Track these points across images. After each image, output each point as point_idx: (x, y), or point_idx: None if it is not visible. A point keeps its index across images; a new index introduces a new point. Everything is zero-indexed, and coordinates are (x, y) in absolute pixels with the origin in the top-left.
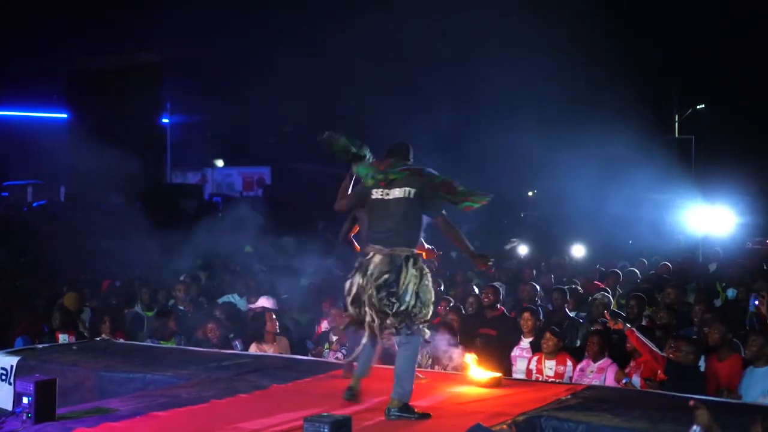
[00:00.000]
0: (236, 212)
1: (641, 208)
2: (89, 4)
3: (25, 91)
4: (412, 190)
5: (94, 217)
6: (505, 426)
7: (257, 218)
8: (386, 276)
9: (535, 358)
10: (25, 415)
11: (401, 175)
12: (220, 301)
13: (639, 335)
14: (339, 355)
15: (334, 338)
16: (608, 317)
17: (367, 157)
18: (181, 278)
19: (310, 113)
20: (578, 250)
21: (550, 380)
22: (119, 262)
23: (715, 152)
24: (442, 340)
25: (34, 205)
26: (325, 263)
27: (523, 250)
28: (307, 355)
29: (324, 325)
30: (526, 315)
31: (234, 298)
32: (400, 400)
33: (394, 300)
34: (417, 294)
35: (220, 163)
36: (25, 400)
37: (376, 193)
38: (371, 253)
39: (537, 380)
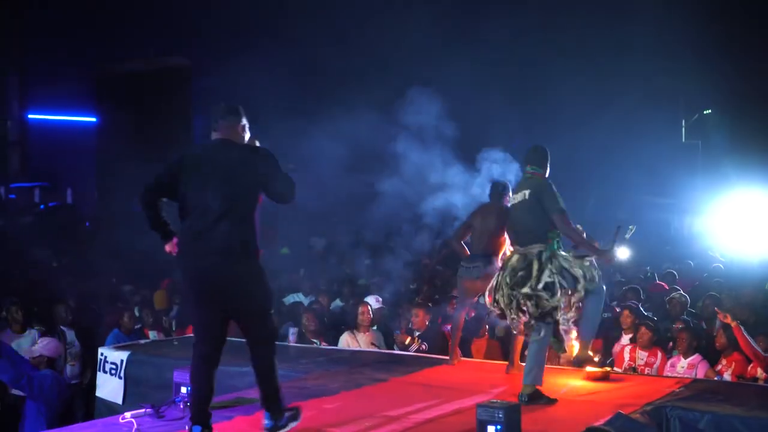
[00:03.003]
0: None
1: (648, 213)
2: (115, 7)
3: (52, 94)
4: (528, 192)
5: (127, 218)
6: (638, 415)
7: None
8: (521, 273)
9: (629, 347)
10: (183, 404)
11: (524, 179)
12: (285, 300)
13: (744, 333)
14: (423, 347)
15: (417, 333)
16: (719, 312)
17: None
18: None
19: None
20: (623, 253)
21: (641, 370)
22: (162, 262)
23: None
24: None
25: (41, 207)
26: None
27: None
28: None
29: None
30: (626, 312)
31: (299, 296)
32: (531, 386)
33: (529, 296)
34: (551, 284)
35: None
36: (183, 389)
37: (512, 199)
38: (509, 253)
39: (634, 371)
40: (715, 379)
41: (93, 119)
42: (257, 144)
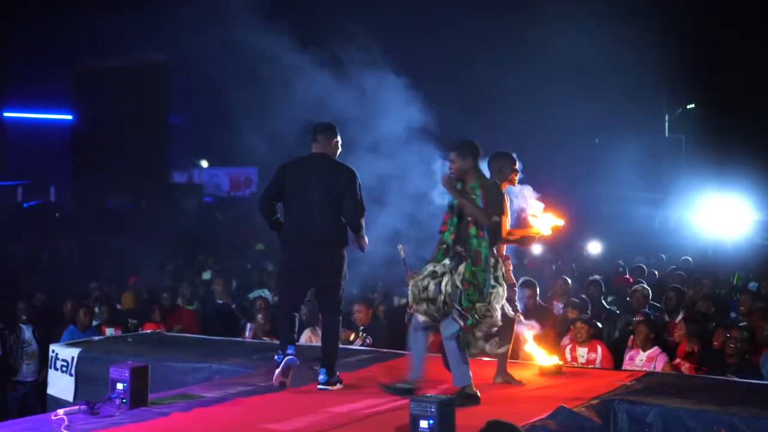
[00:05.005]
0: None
1: (632, 207)
2: (91, 4)
3: (27, 92)
4: None
5: (102, 216)
6: (583, 408)
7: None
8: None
9: (569, 346)
10: (119, 400)
11: None
12: (251, 296)
13: None
14: (368, 341)
15: (360, 328)
16: None
17: None
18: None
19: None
20: (594, 247)
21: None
22: (137, 259)
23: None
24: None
25: (25, 205)
26: None
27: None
28: None
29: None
30: (569, 310)
31: (264, 292)
32: (462, 386)
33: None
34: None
35: (204, 163)
36: (119, 386)
37: None
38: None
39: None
40: (672, 372)
41: (69, 117)
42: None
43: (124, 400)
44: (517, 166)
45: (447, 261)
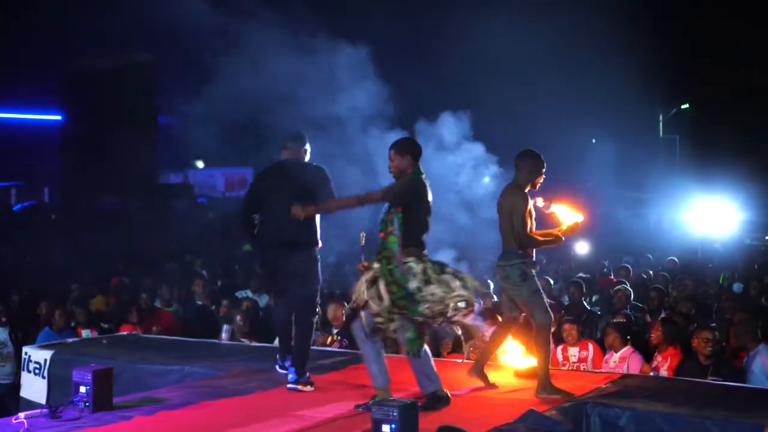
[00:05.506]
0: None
1: (627, 207)
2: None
3: (16, 92)
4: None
5: (91, 216)
6: (554, 412)
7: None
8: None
9: (560, 347)
10: (82, 404)
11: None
12: (237, 295)
13: None
14: (344, 343)
15: (335, 330)
16: None
17: None
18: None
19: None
20: (582, 247)
21: (576, 367)
22: (123, 260)
23: (699, 151)
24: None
25: (18, 206)
26: None
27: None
28: None
29: None
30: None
31: (247, 293)
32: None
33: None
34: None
35: (200, 164)
36: (82, 389)
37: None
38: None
39: (566, 368)
40: (651, 374)
41: (58, 117)
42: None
43: (87, 404)
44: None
45: (375, 264)
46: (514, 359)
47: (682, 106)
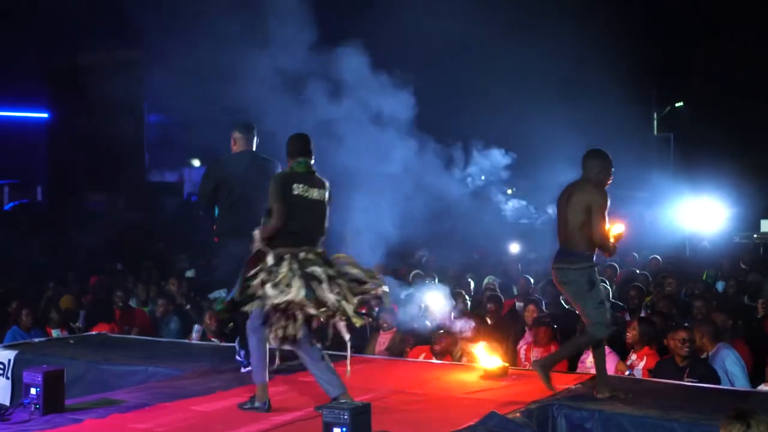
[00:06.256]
0: None
1: (622, 206)
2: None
3: (4, 90)
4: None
5: (77, 215)
6: (518, 414)
7: None
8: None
9: (524, 347)
10: (33, 406)
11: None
12: (210, 296)
13: None
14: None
15: None
16: None
17: None
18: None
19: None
20: None
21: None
22: (104, 259)
23: (694, 149)
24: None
25: (9, 205)
26: None
27: (514, 248)
28: None
29: None
30: (531, 307)
31: (222, 294)
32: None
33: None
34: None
35: (196, 162)
36: (33, 391)
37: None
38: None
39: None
40: (626, 374)
41: (45, 115)
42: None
43: (38, 406)
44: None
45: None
46: (482, 360)
47: (677, 104)
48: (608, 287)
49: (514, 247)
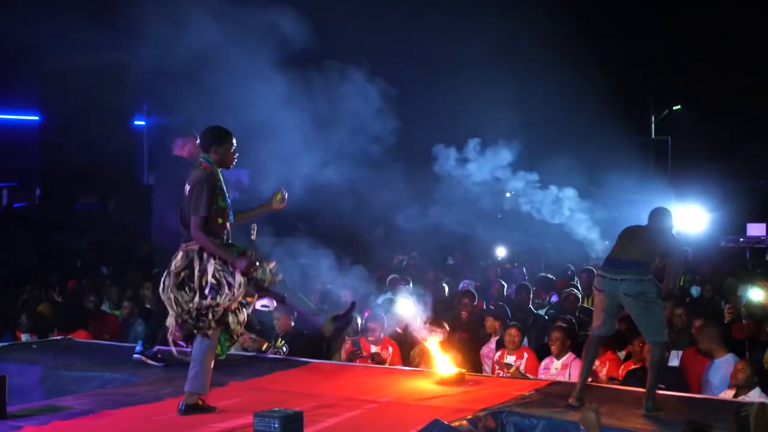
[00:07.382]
0: None
1: (618, 210)
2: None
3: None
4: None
5: (68, 217)
6: (465, 422)
7: None
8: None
9: (498, 353)
10: None
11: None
12: None
13: None
14: (285, 349)
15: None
16: None
17: None
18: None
19: None
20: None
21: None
22: (91, 262)
23: (691, 153)
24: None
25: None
26: None
27: (501, 251)
28: None
29: None
30: (491, 318)
31: None
32: (192, 394)
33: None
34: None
35: None
36: None
37: None
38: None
39: (498, 376)
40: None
41: (36, 118)
42: None
43: None
44: None
45: None
46: (440, 366)
47: (674, 107)
48: (580, 292)
49: (501, 251)
